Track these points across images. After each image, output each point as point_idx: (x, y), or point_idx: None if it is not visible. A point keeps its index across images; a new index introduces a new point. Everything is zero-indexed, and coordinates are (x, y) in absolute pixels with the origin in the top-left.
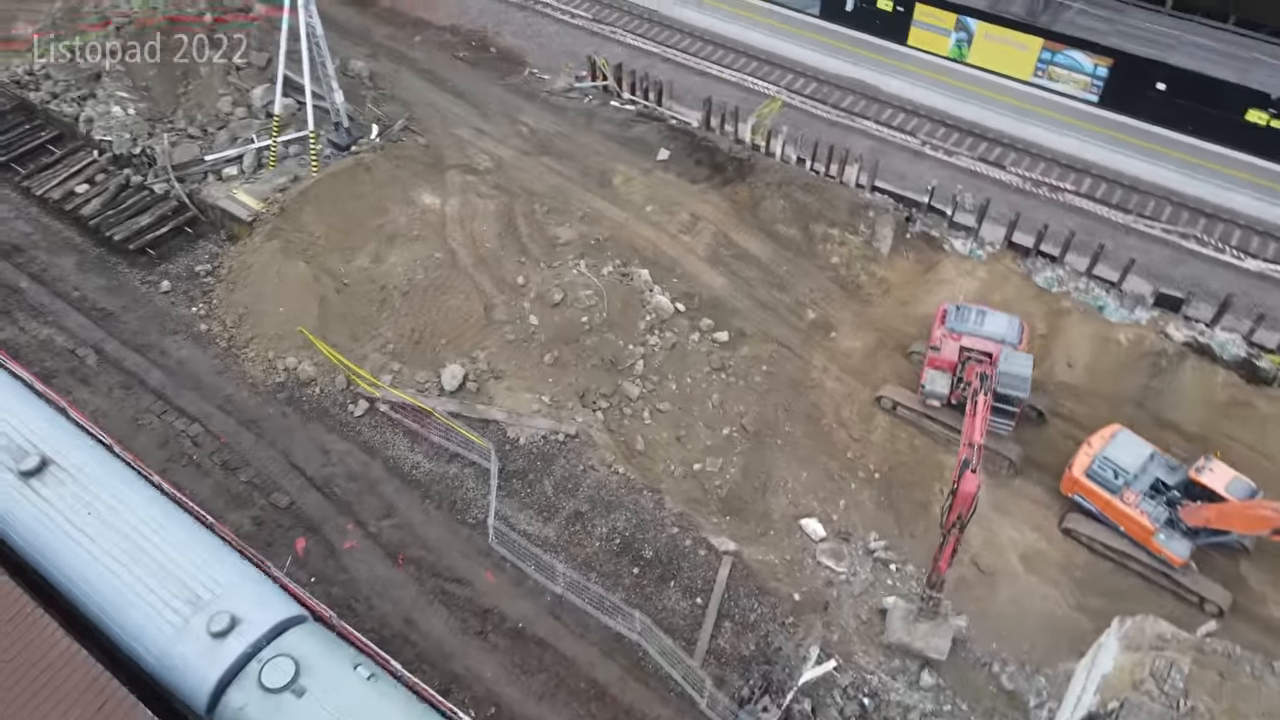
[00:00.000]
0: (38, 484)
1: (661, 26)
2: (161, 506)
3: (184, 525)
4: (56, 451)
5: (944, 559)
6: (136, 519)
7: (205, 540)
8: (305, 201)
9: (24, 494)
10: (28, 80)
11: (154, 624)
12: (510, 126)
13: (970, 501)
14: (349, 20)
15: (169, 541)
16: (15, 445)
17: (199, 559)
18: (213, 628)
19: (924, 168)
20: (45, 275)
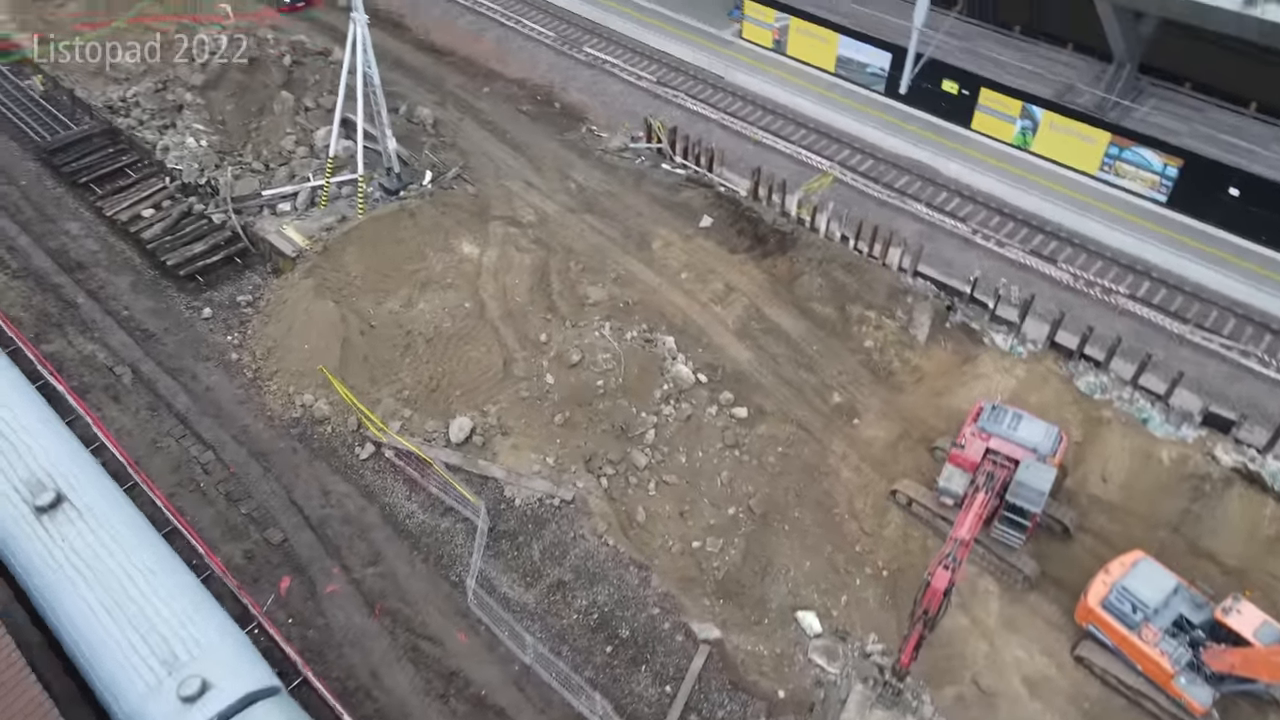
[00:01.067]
0: (49, 521)
1: (724, 93)
2: (157, 553)
3: (176, 575)
4: (72, 487)
5: (907, 651)
6: (132, 567)
7: (193, 594)
8: (347, 242)
9: (35, 531)
10: (119, 106)
11: (129, 679)
12: (560, 182)
13: (939, 599)
14: (425, 67)
15: (159, 593)
16: (36, 478)
17: (184, 613)
18: (183, 692)
19: (971, 256)
20: (101, 293)
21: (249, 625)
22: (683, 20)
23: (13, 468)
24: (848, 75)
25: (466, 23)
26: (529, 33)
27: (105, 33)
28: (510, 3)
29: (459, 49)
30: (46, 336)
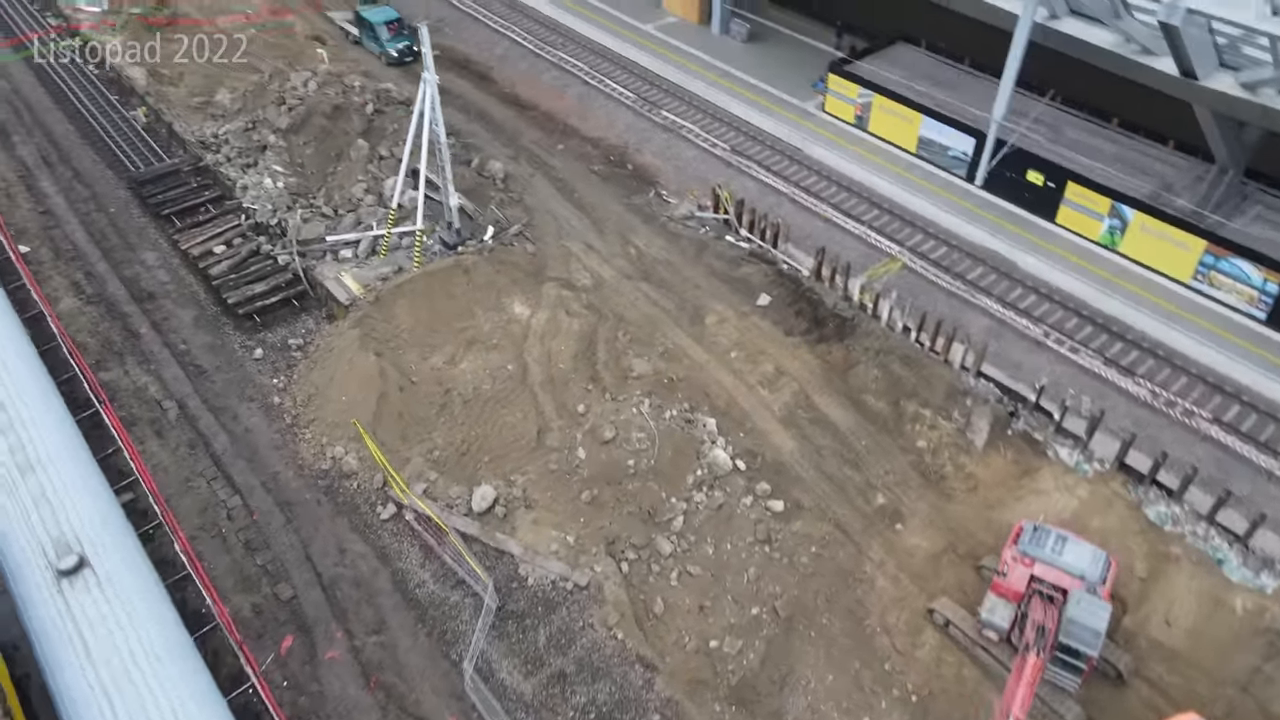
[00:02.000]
0: (68, 586)
1: (799, 165)
2: (167, 637)
3: (182, 662)
4: (97, 552)
5: None
6: (140, 649)
7: (195, 684)
8: (400, 294)
9: (53, 597)
10: (211, 142)
11: None
12: (621, 246)
13: None
14: (506, 120)
15: (162, 683)
16: (64, 538)
17: (181, 705)
18: None
19: (1041, 360)
20: (164, 324)
21: (245, 684)
22: (766, 89)
23: (44, 524)
24: (928, 157)
25: (551, 78)
26: (610, 91)
27: (208, 69)
28: (595, 60)
29: (541, 103)
30: (106, 364)
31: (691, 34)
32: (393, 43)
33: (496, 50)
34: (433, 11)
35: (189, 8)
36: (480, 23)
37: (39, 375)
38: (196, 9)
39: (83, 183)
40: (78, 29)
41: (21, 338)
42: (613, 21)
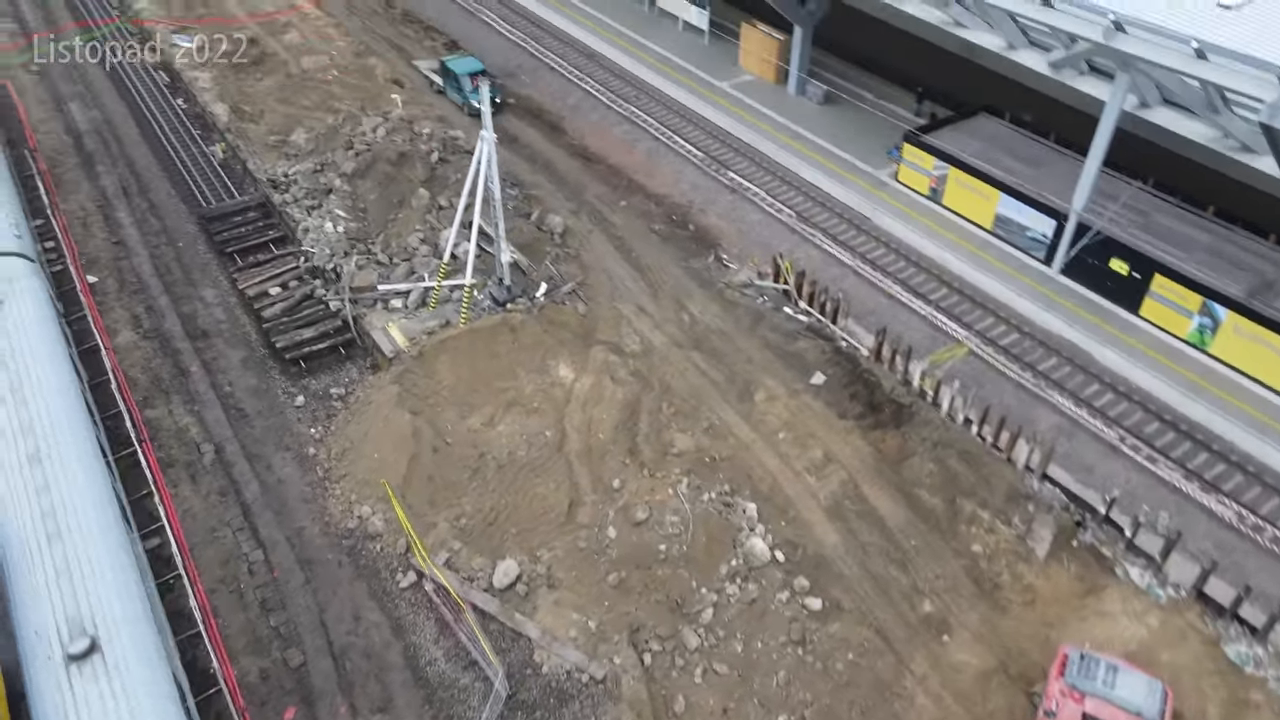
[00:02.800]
0: (75, 672)
1: (866, 236)
2: None
3: None
4: (110, 636)
5: None
6: None
7: None
8: (443, 350)
9: (60, 681)
10: (281, 182)
11: None
12: (674, 311)
13: None
14: (571, 173)
15: None
16: (79, 618)
17: None
18: None
19: (1115, 467)
20: (214, 364)
21: None
22: (838, 154)
23: (62, 601)
24: (1005, 236)
25: (622, 131)
26: (679, 148)
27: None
28: (667, 115)
29: (609, 157)
30: (153, 402)
31: (766, 93)
32: (476, 94)
33: (569, 100)
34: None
35: (277, 46)
36: (556, 72)
37: (82, 426)
38: (284, 48)
39: (156, 215)
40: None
41: (70, 383)
42: (688, 77)
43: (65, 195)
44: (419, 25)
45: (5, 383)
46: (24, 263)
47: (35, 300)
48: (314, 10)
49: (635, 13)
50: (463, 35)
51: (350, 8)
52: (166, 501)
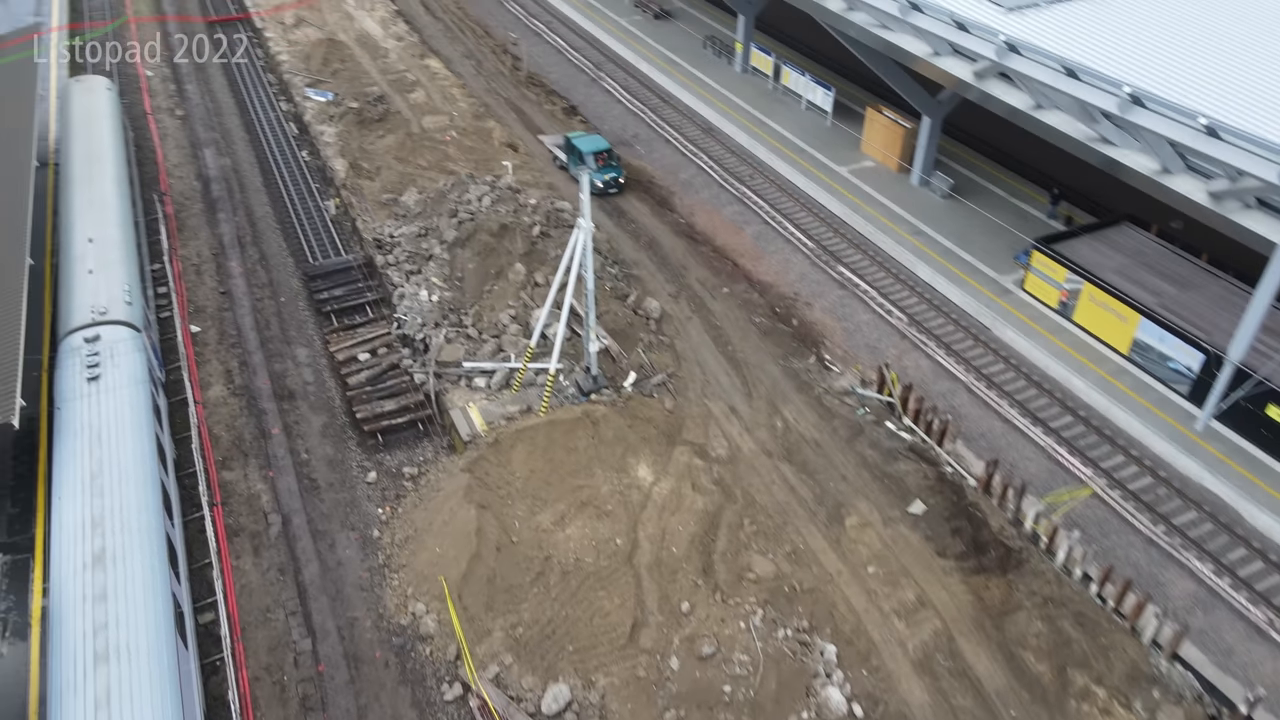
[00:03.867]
0: None
1: (984, 348)
2: None
3: None
4: None
5: None
6: None
7: None
8: (519, 439)
9: None
10: (386, 243)
11: None
12: (767, 415)
13: None
14: (674, 252)
15: None
16: None
17: None
18: None
19: (1262, 653)
20: (295, 428)
21: None
22: (960, 254)
23: None
24: (1143, 364)
25: (732, 212)
26: (789, 235)
27: (399, 165)
28: (780, 199)
29: (715, 238)
30: (231, 463)
31: (887, 182)
32: (599, 174)
33: (682, 175)
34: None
35: (402, 105)
36: (672, 145)
37: (153, 528)
38: (409, 107)
39: (265, 267)
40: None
41: (150, 476)
42: (806, 159)
43: (185, 240)
44: (541, 89)
45: (87, 469)
46: (129, 333)
47: (132, 377)
48: (441, 69)
49: (758, 89)
50: (583, 101)
51: (479, 69)
52: (227, 575)
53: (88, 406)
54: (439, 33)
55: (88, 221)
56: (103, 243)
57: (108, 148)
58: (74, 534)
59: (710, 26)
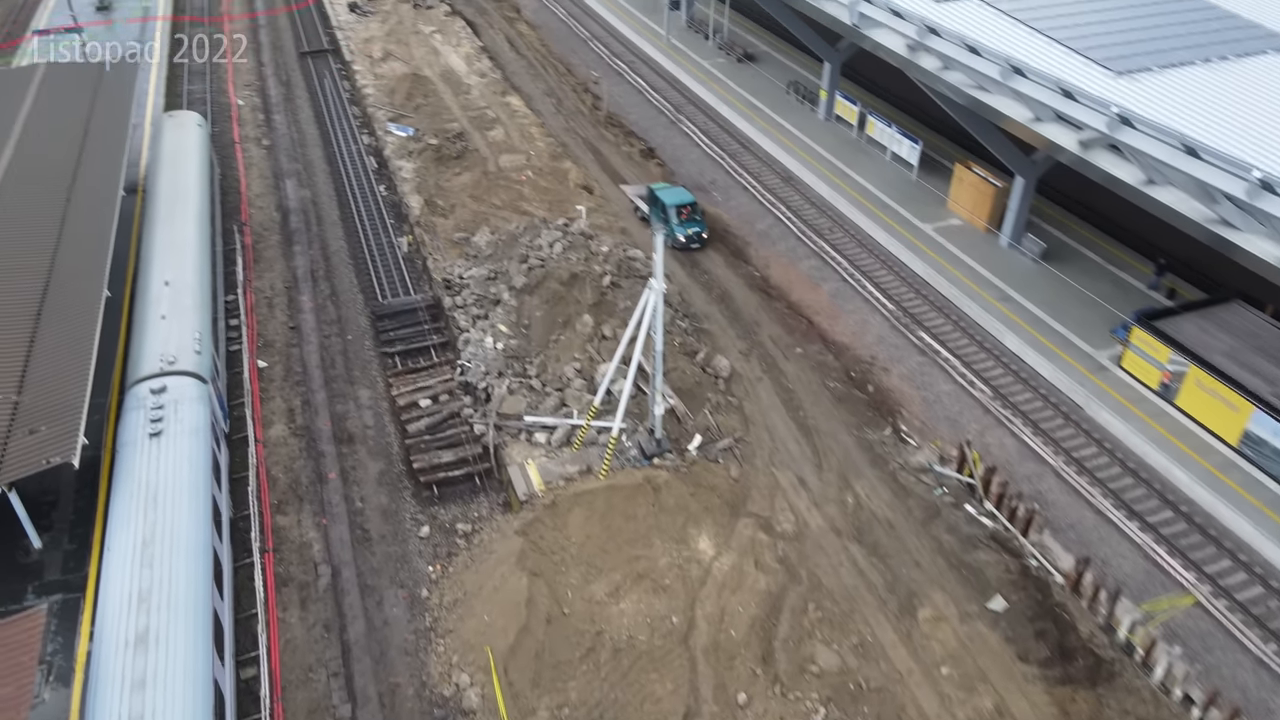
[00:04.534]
0: None
1: (1075, 428)
2: None
3: None
4: None
5: None
6: None
7: None
8: (577, 504)
9: None
10: (455, 284)
11: None
12: (838, 489)
13: None
14: (746, 306)
15: None
16: None
17: None
18: None
19: None
20: (352, 474)
21: None
22: (1051, 324)
23: None
24: (1255, 458)
25: (809, 267)
26: (868, 294)
27: (476, 205)
28: (860, 255)
29: (791, 293)
30: (286, 507)
31: (975, 242)
32: (682, 227)
33: (758, 225)
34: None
35: (481, 142)
36: (749, 192)
37: (201, 606)
38: (487, 144)
39: (335, 303)
40: None
41: (203, 545)
42: (889, 214)
43: (260, 272)
44: (620, 130)
45: (140, 534)
46: (195, 385)
47: (194, 432)
48: (522, 107)
49: (842, 138)
50: (661, 144)
51: (559, 107)
52: (273, 630)
53: (147, 463)
54: (521, 69)
55: (166, 263)
56: (178, 286)
57: (192, 186)
58: (119, 608)
59: (794, 72)
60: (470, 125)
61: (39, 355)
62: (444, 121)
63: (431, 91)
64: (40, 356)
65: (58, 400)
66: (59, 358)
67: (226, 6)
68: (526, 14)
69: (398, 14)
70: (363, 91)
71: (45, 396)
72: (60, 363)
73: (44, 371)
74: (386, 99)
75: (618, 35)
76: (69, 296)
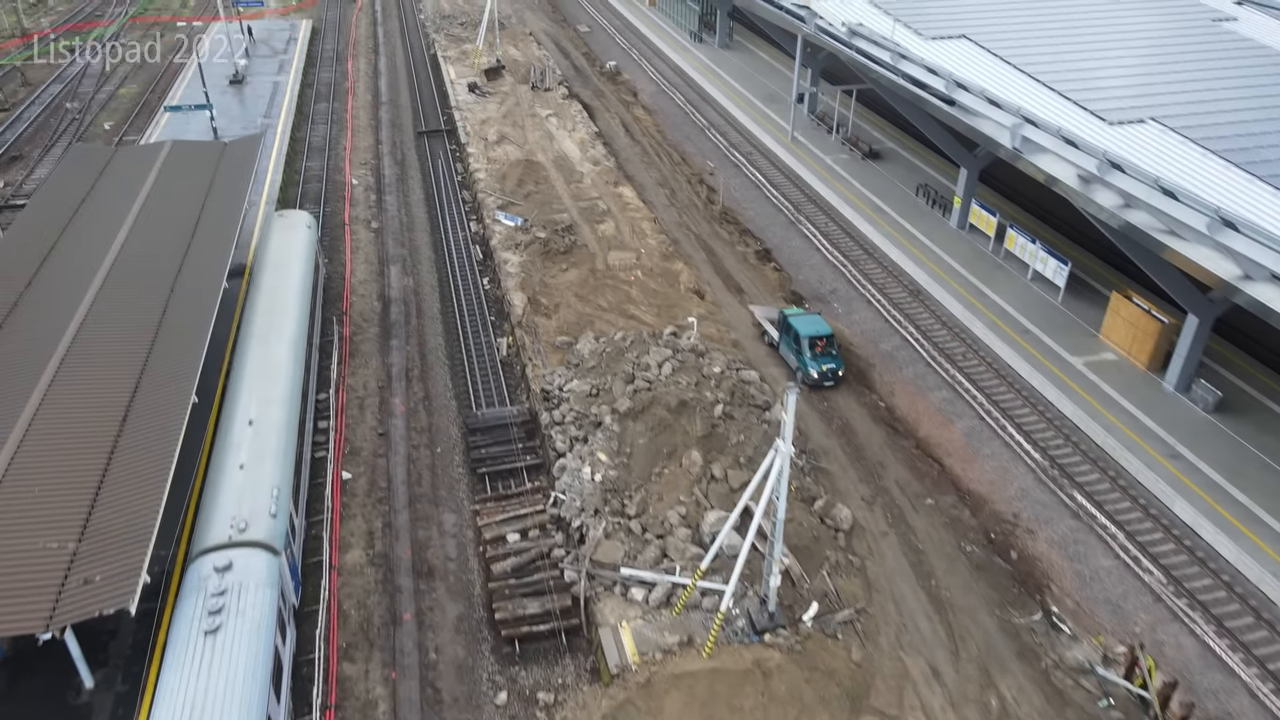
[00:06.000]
0: None
1: (1269, 630)
2: None
3: None
4: None
5: None
6: None
7: None
8: (675, 686)
9: None
10: (553, 396)
11: None
12: (979, 688)
13: None
14: (870, 442)
15: None
16: None
17: None
18: None
19: None
20: (427, 616)
21: None
22: (1233, 493)
23: None
24: None
25: (939, 398)
26: (1009, 438)
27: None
28: (999, 389)
29: (919, 428)
30: (353, 653)
31: (1134, 383)
32: (816, 363)
33: (883, 345)
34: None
35: (590, 236)
36: (873, 306)
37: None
38: (596, 239)
39: (427, 408)
40: None
41: (263, 672)
42: (1031, 343)
43: (355, 368)
44: (735, 227)
45: None
46: (265, 561)
47: (255, 632)
48: (634, 199)
49: (977, 250)
50: (779, 245)
51: (672, 198)
52: None
53: (197, 672)
54: (635, 156)
55: (254, 394)
56: (263, 427)
57: (292, 300)
58: None
59: (923, 172)
60: (580, 217)
61: (110, 486)
62: (554, 211)
63: (543, 178)
64: (112, 486)
65: (120, 542)
66: (129, 492)
67: (351, 82)
68: (644, 98)
69: (516, 95)
70: (475, 175)
71: (107, 540)
72: (130, 499)
73: (112, 505)
74: (497, 184)
75: (735, 123)
76: (151, 422)
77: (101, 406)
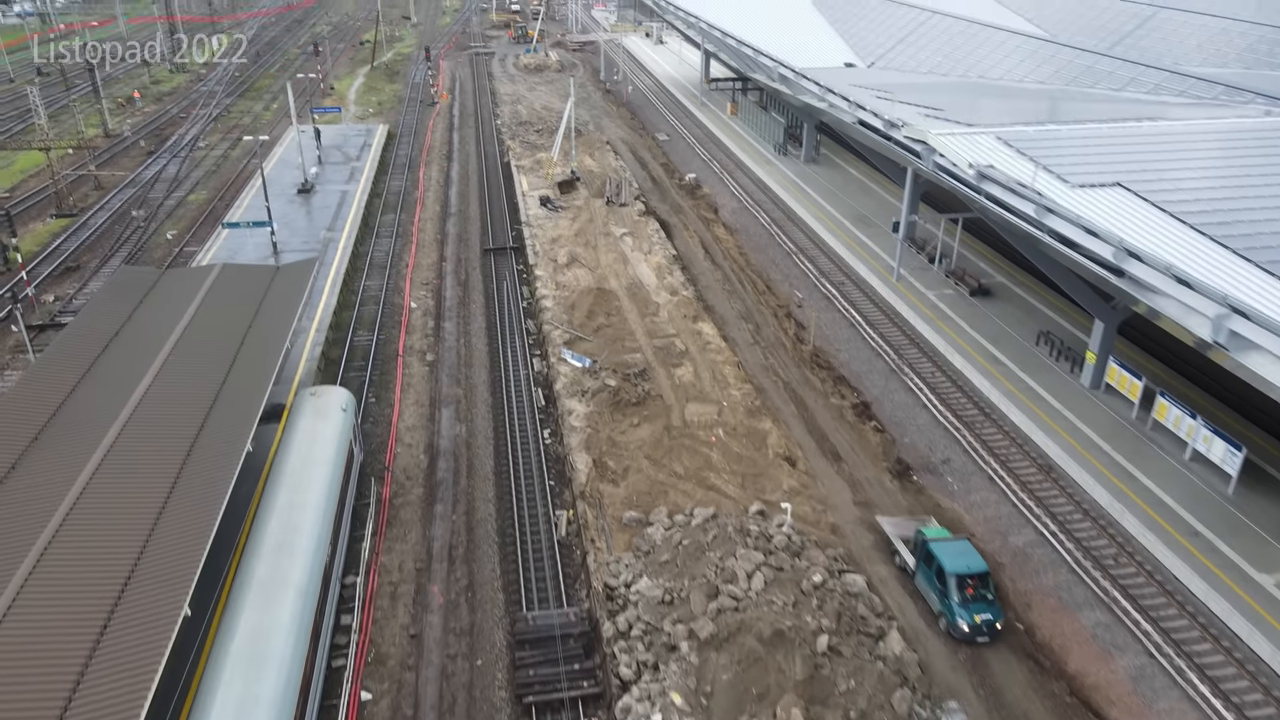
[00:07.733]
0: None
1: None
2: None
3: None
4: None
5: None
6: None
7: None
8: None
9: None
10: (619, 597)
11: None
12: None
13: None
14: (1010, 684)
15: None
16: None
17: None
18: None
19: None
20: None
21: None
22: None
23: None
24: None
25: (1093, 621)
26: (1190, 686)
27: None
28: (1168, 613)
29: (1068, 661)
30: None
31: None
32: (966, 611)
33: (1013, 539)
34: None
35: (665, 383)
36: (996, 485)
37: None
38: (672, 387)
39: (470, 604)
40: None
41: None
42: (1202, 549)
43: (391, 543)
44: (828, 373)
45: None
46: None
47: None
48: (714, 336)
49: (1116, 417)
50: (880, 398)
51: (756, 335)
52: None
53: None
54: (715, 283)
55: (252, 623)
56: (257, 660)
57: (314, 504)
58: None
59: (1044, 316)
60: (655, 358)
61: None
62: (626, 350)
63: (615, 309)
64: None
65: None
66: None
67: (420, 192)
68: (725, 215)
69: (589, 210)
70: (541, 302)
71: None
72: None
73: None
74: (565, 315)
75: (824, 247)
76: (132, 635)
77: (84, 602)
